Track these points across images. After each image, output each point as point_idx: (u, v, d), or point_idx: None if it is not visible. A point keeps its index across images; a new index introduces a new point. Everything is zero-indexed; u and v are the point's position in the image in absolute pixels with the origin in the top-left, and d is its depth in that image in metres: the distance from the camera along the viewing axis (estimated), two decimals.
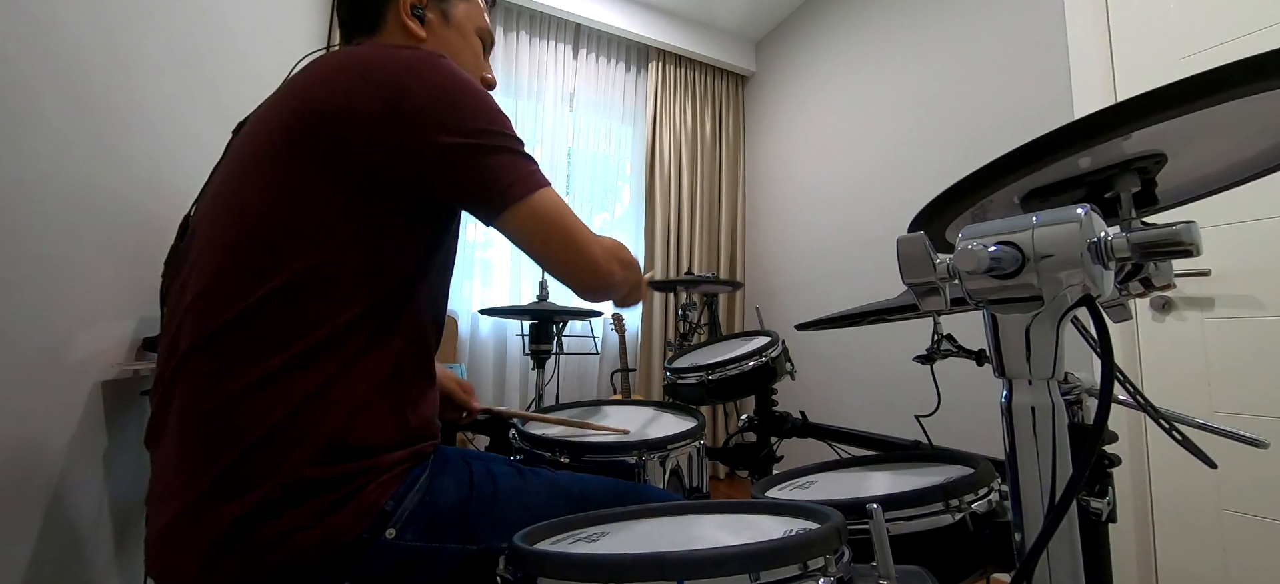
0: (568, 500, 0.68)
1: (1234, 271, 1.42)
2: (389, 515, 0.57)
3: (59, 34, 0.66)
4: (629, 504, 0.70)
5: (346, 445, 0.56)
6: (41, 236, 0.64)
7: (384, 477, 0.58)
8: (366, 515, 0.56)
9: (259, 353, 0.54)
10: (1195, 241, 0.36)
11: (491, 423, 1.25)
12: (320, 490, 0.54)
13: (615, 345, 2.76)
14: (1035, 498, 0.40)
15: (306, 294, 0.56)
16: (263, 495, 0.52)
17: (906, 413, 1.18)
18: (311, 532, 0.53)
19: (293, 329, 0.55)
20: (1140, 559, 1.53)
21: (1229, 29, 1.44)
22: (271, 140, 0.59)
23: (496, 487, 0.66)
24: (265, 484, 0.52)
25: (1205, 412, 1.43)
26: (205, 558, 0.52)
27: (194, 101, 1.01)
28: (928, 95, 2.30)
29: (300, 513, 0.53)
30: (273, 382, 0.54)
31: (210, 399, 0.54)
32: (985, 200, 0.50)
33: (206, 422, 0.54)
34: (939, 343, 0.96)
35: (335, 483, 0.55)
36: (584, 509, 0.67)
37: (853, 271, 2.59)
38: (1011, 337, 0.41)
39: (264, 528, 0.52)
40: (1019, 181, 0.47)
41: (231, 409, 0.54)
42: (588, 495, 0.70)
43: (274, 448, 0.53)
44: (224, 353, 0.55)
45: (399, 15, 0.74)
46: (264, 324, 0.55)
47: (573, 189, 3.00)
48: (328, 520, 0.54)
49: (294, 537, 0.52)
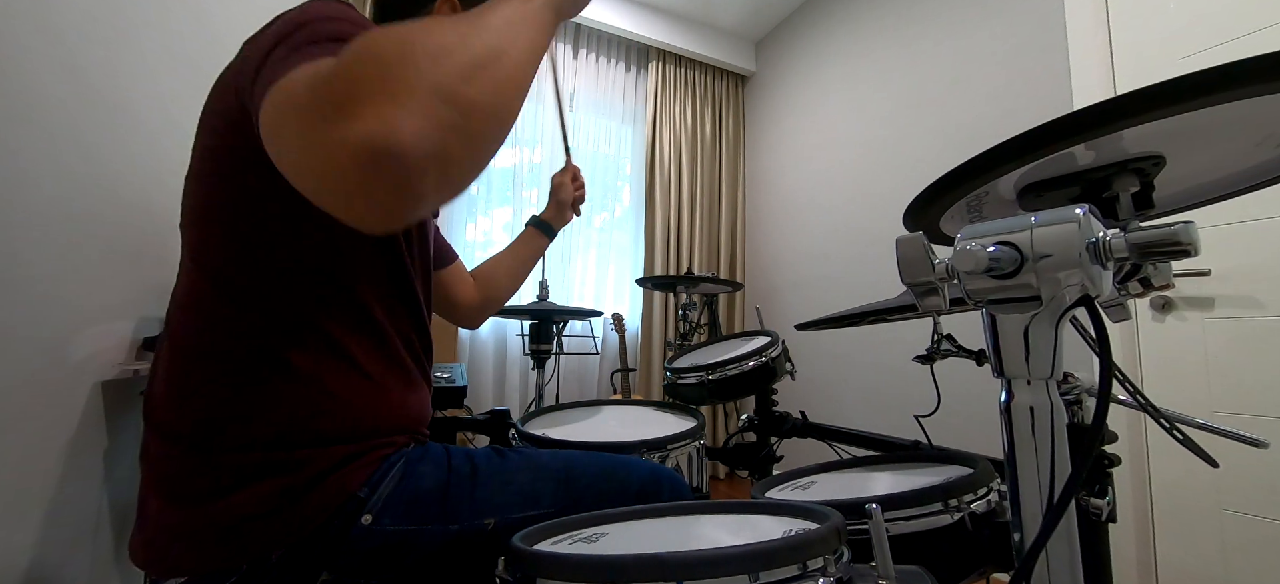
0: (550, 477, 0.67)
1: (1234, 272, 1.42)
2: (364, 502, 0.57)
3: (59, 34, 0.66)
4: (613, 481, 0.69)
5: (294, 432, 0.56)
6: (41, 236, 0.64)
7: (347, 466, 0.57)
8: (333, 500, 0.56)
9: (204, 342, 0.56)
10: (1194, 242, 0.36)
11: (491, 423, 1.25)
12: (271, 474, 0.54)
13: (615, 345, 2.76)
14: (1034, 498, 0.40)
15: (241, 279, 0.57)
16: (213, 482, 0.53)
17: (906, 413, 1.18)
18: (269, 519, 0.53)
19: (233, 315, 0.56)
20: (1140, 559, 1.53)
21: (1229, 29, 1.44)
22: (200, 128, 0.62)
23: (475, 467, 0.65)
24: (216, 472, 0.53)
25: (1205, 412, 1.43)
26: (171, 546, 0.53)
27: (194, 101, 1.01)
28: (928, 95, 2.30)
29: (257, 498, 0.53)
30: (218, 370, 0.55)
31: (170, 388, 0.57)
32: (982, 191, 0.50)
33: (166, 412, 0.56)
34: (939, 343, 0.96)
35: (289, 468, 0.55)
36: (568, 486, 0.67)
37: (853, 271, 2.59)
38: (1010, 337, 0.41)
39: (221, 515, 0.53)
40: (1015, 173, 0.47)
41: (186, 398, 0.56)
42: (570, 472, 0.68)
43: (221, 436, 0.54)
44: (179, 343, 0.57)
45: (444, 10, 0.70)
46: (205, 314, 0.57)
47: None
48: (292, 508, 0.54)
49: (251, 522, 0.53)
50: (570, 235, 2.95)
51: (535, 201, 2.86)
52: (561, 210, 1.15)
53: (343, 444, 0.58)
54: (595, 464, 0.71)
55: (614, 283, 3.07)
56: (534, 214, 1.15)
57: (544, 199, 3.02)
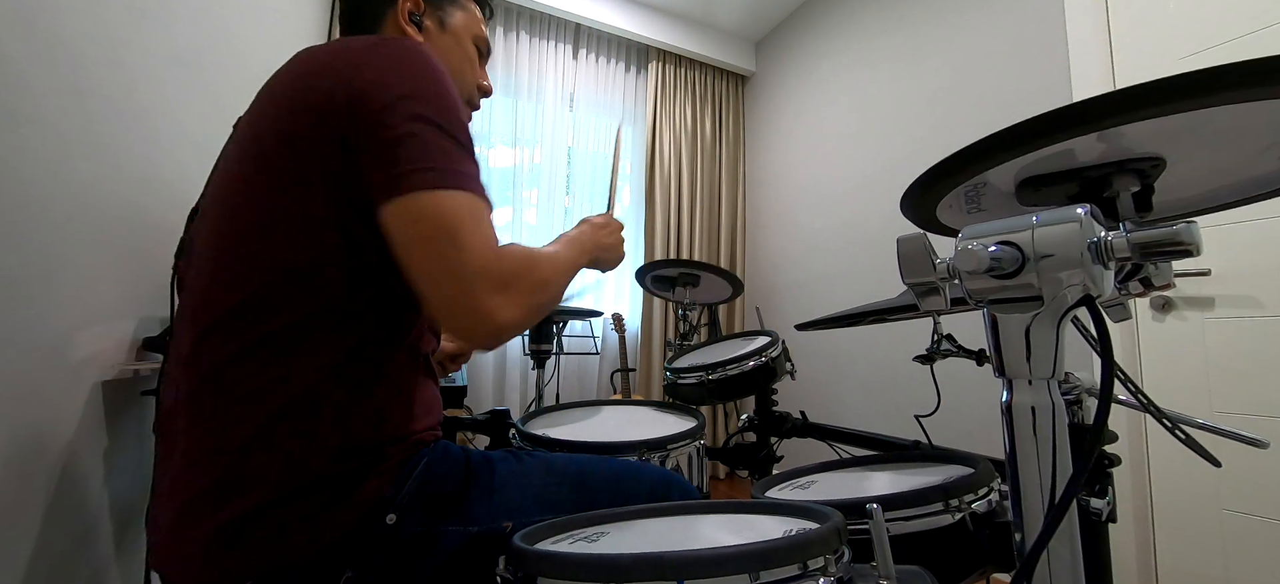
0: (564, 482, 0.68)
1: (1234, 272, 1.42)
2: (389, 502, 0.57)
3: (59, 34, 0.66)
4: (625, 487, 0.70)
5: (355, 443, 0.56)
6: (42, 236, 0.64)
7: (384, 466, 0.58)
8: (365, 504, 0.56)
9: (257, 349, 0.54)
10: (1195, 241, 0.36)
11: (492, 423, 1.25)
12: (326, 487, 0.54)
13: (615, 345, 2.76)
14: (1035, 498, 0.40)
15: (300, 290, 0.55)
16: (268, 493, 0.52)
17: (906, 413, 1.17)
18: (315, 524, 0.53)
19: (286, 326, 0.55)
20: (1140, 559, 1.53)
21: (1229, 29, 1.44)
22: (251, 137, 0.60)
23: (494, 469, 0.66)
24: (271, 482, 0.52)
25: (1205, 411, 1.43)
26: (207, 552, 0.52)
27: (194, 101, 1.01)
28: (927, 95, 2.30)
29: (305, 507, 0.53)
30: (277, 376, 0.54)
31: (216, 392, 0.54)
32: (980, 181, 0.50)
33: (213, 416, 0.54)
34: (939, 343, 0.96)
35: (342, 479, 0.55)
36: (581, 491, 0.68)
37: (853, 272, 2.59)
38: (1011, 336, 0.41)
39: (266, 523, 0.52)
40: (1013, 165, 0.47)
41: (237, 403, 0.54)
42: (584, 477, 0.70)
43: (281, 444, 0.53)
44: (225, 346, 0.55)
45: (397, 20, 0.75)
46: (257, 322, 0.55)
47: (573, 189, 3.00)
48: (330, 513, 0.54)
49: (298, 530, 0.53)
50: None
51: (535, 201, 2.86)
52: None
53: (391, 445, 0.59)
54: (608, 469, 0.72)
55: (614, 282, 3.07)
56: None
57: (544, 199, 3.01)
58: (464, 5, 0.82)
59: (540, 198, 2.86)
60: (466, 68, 0.82)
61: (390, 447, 0.59)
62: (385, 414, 0.59)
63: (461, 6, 0.82)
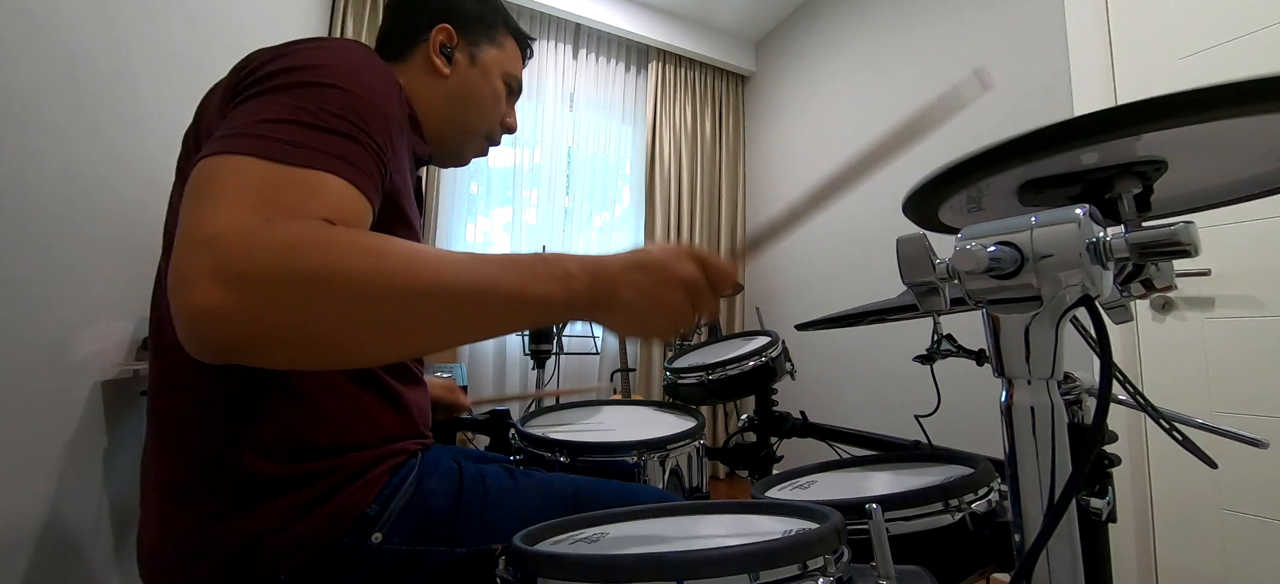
0: (560, 502, 0.68)
1: (1234, 272, 1.42)
2: (375, 520, 0.56)
3: (59, 34, 0.66)
4: (624, 505, 0.70)
5: (304, 443, 0.55)
6: (42, 236, 0.64)
7: (360, 479, 0.56)
8: (344, 519, 0.55)
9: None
10: (1194, 242, 0.36)
11: (491, 422, 1.25)
12: (281, 490, 0.53)
13: (615, 345, 2.76)
14: (1035, 498, 0.40)
15: None
16: (222, 496, 0.52)
17: (906, 413, 1.18)
18: (283, 535, 0.52)
19: None
20: (1140, 559, 1.53)
21: (1229, 29, 1.44)
22: (185, 139, 0.60)
23: (487, 488, 0.65)
24: (223, 484, 0.52)
25: (1205, 412, 1.43)
26: (179, 560, 0.52)
27: (194, 101, 1.01)
28: (928, 94, 2.29)
29: (265, 515, 0.52)
30: (217, 379, 0.52)
31: (169, 397, 0.55)
32: (982, 184, 0.50)
33: (166, 421, 0.55)
34: (939, 343, 0.96)
35: (298, 482, 0.53)
36: (577, 511, 0.67)
37: (853, 271, 2.59)
38: (1011, 336, 0.41)
39: (230, 531, 0.51)
40: (1015, 171, 0.47)
41: (185, 408, 0.54)
42: (580, 497, 0.69)
43: (226, 446, 0.52)
44: (171, 351, 0.54)
45: (428, 51, 0.74)
46: None
47: (573, 189, 3.00)
48: (299, 524, 0.53)
49: (263, 540, 0.52)
50: (570, 235, 2.95)
51: (535, 201, 2.86)
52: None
53: (356, 452, 0.57)
54: (605, 489, 0.72)
55: None
56: None
57: (543, 199, 3.00)
58: (500, 42, 0.81)
59: (540, 198, 2.86)
60: (490, 103, 0.80)
61: (356, 453, 0.57)
62: (328, 417, 0.57)
63: (497, 44, 0.80)
